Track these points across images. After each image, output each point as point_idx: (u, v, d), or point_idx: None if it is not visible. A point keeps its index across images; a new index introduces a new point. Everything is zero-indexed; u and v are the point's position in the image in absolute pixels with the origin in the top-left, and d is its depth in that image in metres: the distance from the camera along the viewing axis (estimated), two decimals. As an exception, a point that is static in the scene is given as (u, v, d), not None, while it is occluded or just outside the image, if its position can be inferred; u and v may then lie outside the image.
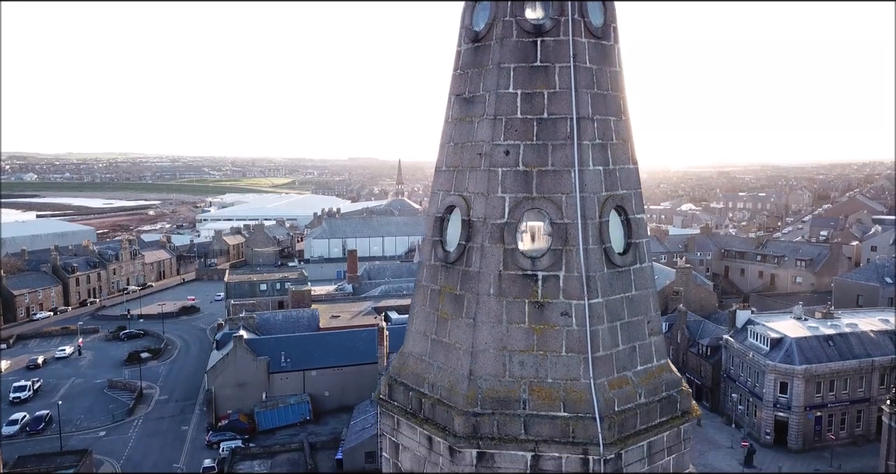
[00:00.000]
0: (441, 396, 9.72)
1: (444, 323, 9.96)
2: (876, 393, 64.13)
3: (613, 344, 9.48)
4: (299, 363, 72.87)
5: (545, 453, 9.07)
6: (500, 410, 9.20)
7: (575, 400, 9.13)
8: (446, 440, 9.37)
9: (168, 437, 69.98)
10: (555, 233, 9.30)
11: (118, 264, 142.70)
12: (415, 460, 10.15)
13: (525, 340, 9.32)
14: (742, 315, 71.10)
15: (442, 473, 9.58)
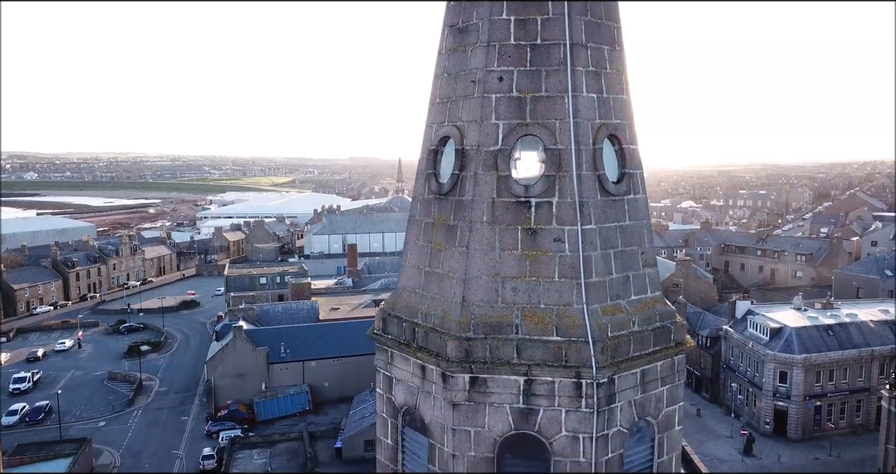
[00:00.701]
0: (434, 324, 9.72)
1: (437, 254, 9.96)
2: (876, 382, 64.04)
3: (607, 271, 9.47)
4: (299, 354, 72.82)
5: (538, 377, 9.07)
6: (493, 335, 9.20)
7: (568, 324, 9.13)
8: (439, 366, 9.37)
9: (168, 427, 69.94)
10: (548, 159, 9.29)
11: (118, 259, 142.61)
12: (408, 392, 10.15)
13: (518, 267, 9.32)
14: (742, 305, 71.07)
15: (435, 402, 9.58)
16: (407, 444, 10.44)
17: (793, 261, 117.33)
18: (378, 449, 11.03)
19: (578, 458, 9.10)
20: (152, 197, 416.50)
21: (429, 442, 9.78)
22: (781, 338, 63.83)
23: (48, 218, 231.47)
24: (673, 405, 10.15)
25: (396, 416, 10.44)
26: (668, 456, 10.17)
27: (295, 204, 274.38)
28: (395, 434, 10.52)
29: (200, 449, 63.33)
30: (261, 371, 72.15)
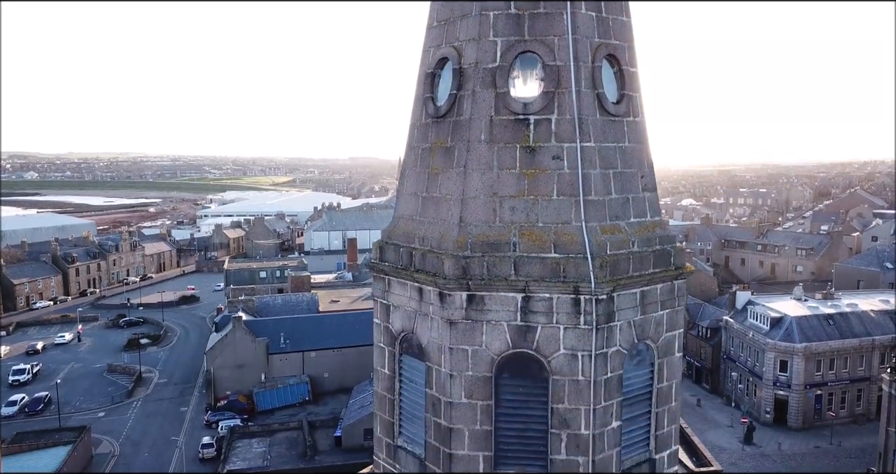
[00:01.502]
0: (431, 246, 9.64)
1: (434, 178, 9.88)
2: (876, 372, 63.87)
3: (606, 191, 9.39)
4: (299, 344, 72.75)
5: (536, 293, 8.98)
6: (491, 253, 9.11)
7: (566, 242, 9.04)
8: (436, 285, 9.28)
9: (167, 418, 69.89)
10: (547, 75, 9.20)
11: (118, 255, 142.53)
12: (405, 317, 10.06)
13: (516, 185, 9.24)
14: (742, 296, 71.01)
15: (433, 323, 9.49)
16: (404, 372, 10.36)
17: (793, 255, 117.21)
18: (375, 381, 10.95)
19: (577, 376, 9.01)
20: (152, 196, 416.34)
21: (426, 365, 9.69)
22: (782, 327, 63.74)
23: (48, 215, 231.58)
24: (673, 331, 10.05)
25: (394, 344, 10.36)
26: (668, 383, 10.08)
27: (295, 203, 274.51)
28: (393, 362, 10.43)
29: (200, 438, 63.29)
30: (260, 361, 72.08)
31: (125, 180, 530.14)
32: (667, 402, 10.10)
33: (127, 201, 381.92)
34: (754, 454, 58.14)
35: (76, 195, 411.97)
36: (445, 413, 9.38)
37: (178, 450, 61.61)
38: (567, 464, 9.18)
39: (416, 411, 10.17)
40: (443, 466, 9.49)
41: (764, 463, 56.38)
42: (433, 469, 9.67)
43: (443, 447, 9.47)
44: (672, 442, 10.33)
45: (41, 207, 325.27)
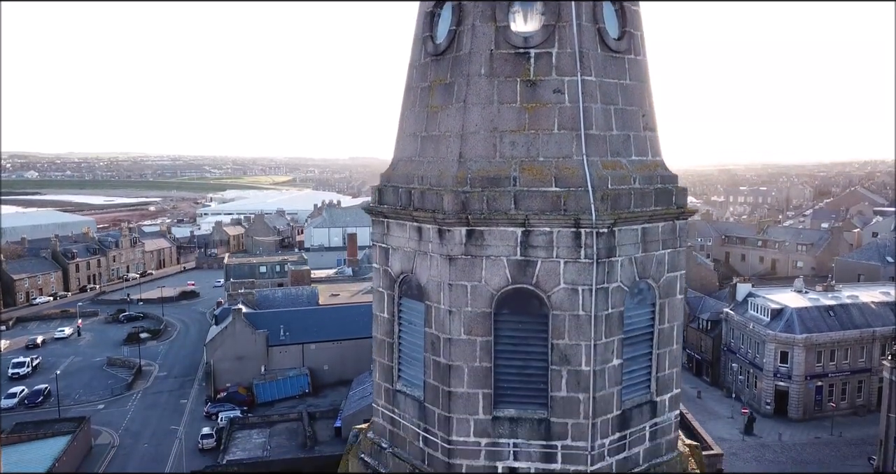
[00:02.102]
0: (430, 184, 9.55)
1: (433, 116, 9.78)
2: (877, 363, 63.71)
3: (607, 126, 9.30)
4: (298, 336, 72.66)
5: (536, 227, 8.89)
6: (490, 188, 9.03)
7: (567, 176, 8.95)
8: (435, 221, 9.20)
9: (167, 409, 69.83)
10: (547, 9, 9.12)
11: (118, 251, 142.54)
12: (404, 258, 9.97)
13: (516, 120, 9.15)
14: (742, 288, 70.92)
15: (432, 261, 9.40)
16: (403, 314, 10.26)
17: (793, 250, 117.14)
18: (374, 326, 10.86)
19: (577, 312, 8.92)
20: (153, 195, 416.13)
21: (425, 305, 9.60)
22: (782, 318, 63.65)
23: (48, 212, 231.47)
24: (674, 272, 9.96)
25: (393, 287, 10.26)
26: (670, 325, 9.98)
27: (295, 201, 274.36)
28: (392, 305, 10.34)
29: (199, 429, 63.20)
30: (260, 354, 71.99)
31: (125, 179, 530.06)
32: (668, 344, 10.02)
33: (127, 200, 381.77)
34: (754, 444, 58.03)
35: (76, 194, 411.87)
36: (444, 350, 9.29)
37: (177, 441, 61.49)
38: (567, 401, 9.10)
39: (415, 353, 10.09)
40: (442, 405, 9.41)
41: (764, 453, 56.28)
42: (432, 409, 9.58)
43: (442, 385, 9.38)
44: (673, 386, 10.24)
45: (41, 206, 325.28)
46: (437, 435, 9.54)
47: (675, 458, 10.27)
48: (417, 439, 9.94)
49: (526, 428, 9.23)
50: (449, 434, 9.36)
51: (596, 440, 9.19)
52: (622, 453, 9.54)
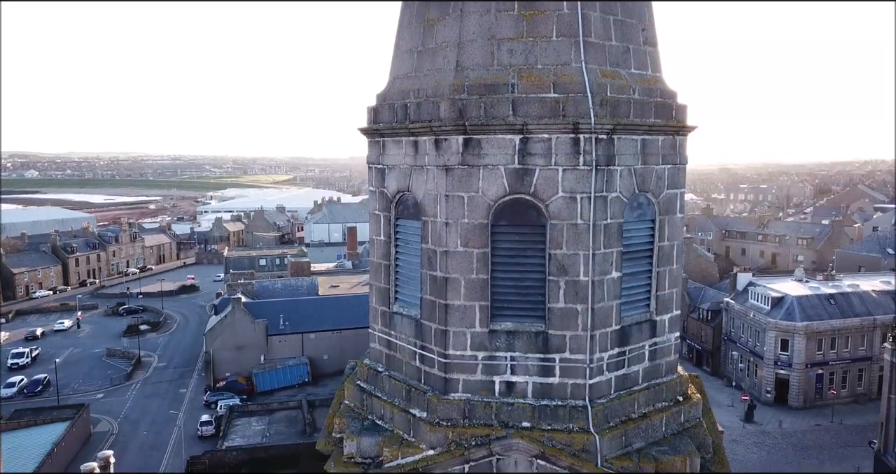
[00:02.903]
0: (427, 95, 9.43)
1: (430, 29, 9.65)
2: (878, 351, 63.54)
3: (606, 36, 9.18)
4: (298, 326, 72.49)
5: (534, 134, 8.77)
6: (488, 95, 8.91)
7: (566, 82, 8.84)
8: (432, 131, 9.07)
9: (166, 398, 69.68)
10: (545, -83, 8.98)
11: (118, 246, 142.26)
12: (401, 176, 9.85)
13: (514, 27, 9.02)
14: (743, 277, 70.76)
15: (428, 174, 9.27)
16: (400, 235, 10.14)
17: (794, 244, 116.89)
18: (371, 251, 10.74)
19: (576, 220, 8.80)
20: (153, 194, 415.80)
21: (422, 220, 9.48)
22: (783, 306, 63.48)
23: (48, 209, 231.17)
24: (675, 189, 9.84)
25: (389, 208, 10.14)
26: (670, 243, 9.86)
27: (295, 199, 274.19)
28: (388, 226, 10.21)
29: (199, 418, 63.01)
30: (260, 343, 71.83)
31: (125, 178, 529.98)
32: (668, 263, 9.89)
33: (127, 199, 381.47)
34: (755, 431, 57.87)
35: (76, 193, 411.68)
36: (441, 264, 9.17)
37: (176, 429, 61.26)
38: (565, 313, 8.98)
39: (411, 274, 9.97)
40: (438, 320, 9.29)
41: (765, 440, 56.11)
42: (429, 325, 9.46)
43: (438, 299, 9.26)
44: (673, 307, 10.12)
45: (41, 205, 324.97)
46: (434, 351, 9.43)
47: (675, 380, 10.15)
48: (413, 358, 9.83)
49: (523, 341, 9.12)
50: (445, 348, 9.24)
51: (595, 353, 9.07)
52: (621, 369, 9.42)
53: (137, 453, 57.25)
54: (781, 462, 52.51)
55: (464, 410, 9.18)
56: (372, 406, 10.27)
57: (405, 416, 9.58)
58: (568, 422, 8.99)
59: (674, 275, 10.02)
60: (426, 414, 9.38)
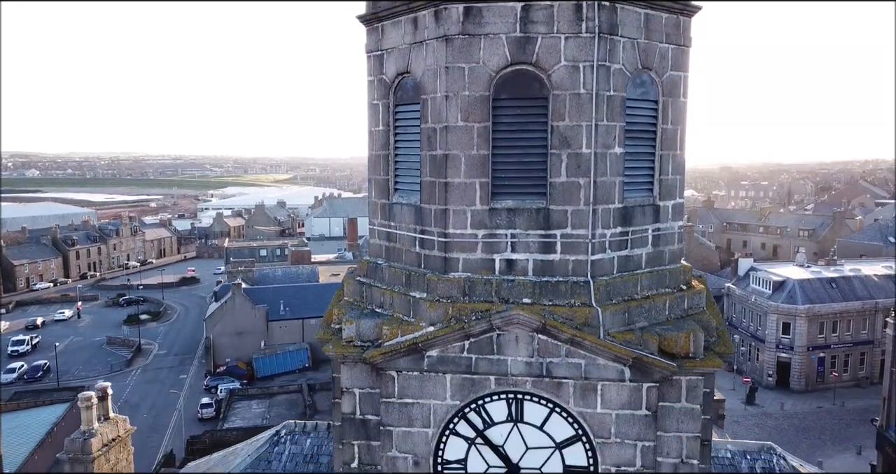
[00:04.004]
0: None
1: None
2: (880, 335, 63.39)
3: None
4: (299, 312, 72.39)
5: (536, 0, 8.61)
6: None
7: (567, -50, 8.67)
8: (432, 2, 8.91)
9: (166, 384, 69.60)
10: None
11: (118, 240, 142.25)
12: (399, 56, 9.72)
13: None
14: (744, 263, 70.64)
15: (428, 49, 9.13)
16: (399, 122, 9.99)
17: (795, 236, 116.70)
18: (370, 144, 10.58)
19: (578, 90, 8.66)
20: (154, 193, 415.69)
21: (421, 99, 9.34)
22: (784, 289, 63.33)
23: (49, 204, 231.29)
24: (678, 71, 9.68)
25: (388, 95, 9.99)
26: (673, 127, 9.71)
27: (296, 197, 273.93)
28: (387, 115, 10.06)
29: (199, 402, 62.89)
30: (260, 328, 71.72)
31: (126, 178, 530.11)
32: (672, 148, 9.75)
33: (128, 198, 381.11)
34: (756, 413, 57.71)
35: (77, 192, 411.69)
36: (441, 141, 9.04)
37: (176, 412, 61.19)
38: (567, 187, 8.84)
39: (411, 162, 9.82)
40: (438, 199, 9.15)
41: (766, 421, 55.93)
42: (428, 208, 9.32)
43: (438, 178, 9.12)
44: (677, 194, 9.98)
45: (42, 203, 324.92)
46: (434, 233, 9.29)
47: (678, 269, 10.01)
48: (413, 244, 9.69)
49: (524, 218, 8.98)
50: (445, 227, 9.11)
51: (597, 229, 8.93)
52: (624, 250, 9.28)
53: (137, 435, 56.36)
54: (783, 442, 52.23)
55: (464, 288, 9.05)
56: (371, 295, 10.14)
57: (405, 299, 9.46)
58: (570, 298, 8.86)
59: (677, 161, 9.88)
60: (426, 294, 9.26)
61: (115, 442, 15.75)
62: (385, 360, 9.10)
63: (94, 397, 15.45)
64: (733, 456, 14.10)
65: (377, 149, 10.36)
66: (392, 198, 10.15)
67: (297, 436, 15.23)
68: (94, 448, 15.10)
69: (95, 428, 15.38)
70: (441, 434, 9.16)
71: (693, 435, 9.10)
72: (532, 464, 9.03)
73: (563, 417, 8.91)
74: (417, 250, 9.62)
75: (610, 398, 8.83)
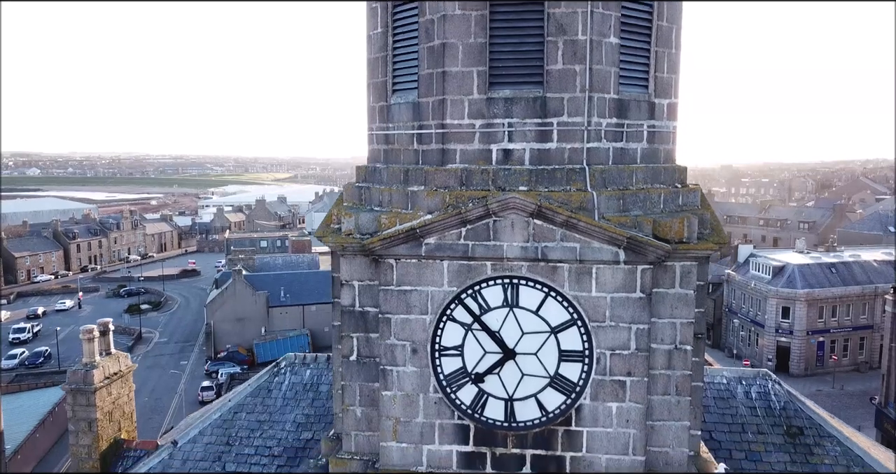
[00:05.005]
0: None
1: None
2: (879, 320, 63.48)
3: None
4: (299, 298, 72.53)
5: None
6: None
7: None
8: None
9: (167, 369, 69.82)
10: None
11: (119, 233, 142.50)
12: (399, -45, 9.78)
13: None
14: (744, 249, 70.73)
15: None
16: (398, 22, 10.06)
17: (795, 229, 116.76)
18: (368, 47, 10.67)
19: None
20: (154, 192, 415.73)
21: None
22: (784, 274, 63.45)
23: (50, 200, 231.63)
24: (672, -28, 9.79)
25: (386, -4, 10.09)
26: (669, 25, 9.79)
27: (297, 194, 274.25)
28: (385, 15, 10.11)
29: (199, 386, 63.04)
30: (260, 315, 71.87)
31: (127, 177, 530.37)
32: (667, 46, 9.85)
33: (129, 196, 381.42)
34: (756, 396, 57.72)
35: (78, 190, 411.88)
36: (439, 31, 9.16)
37: (177, 396, 61.42)
38: (563, 74, 8.96)
39: (410, 60, 9.92)
40: (436, 90, 9.28)
41: (766, 403, 55.97)
42: (426, 101, 9.45)
43: (435, 69, 9.25)
44: (672, 94, 10.08)
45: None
46: (431, 126, 9.42)
47: (673, 167, 10.13)
48: (411, 142, 9.81)
49: (521, 106, 9.11)
50: (443, 118, 9.24)
51: (592, 116, 9.06)
52: (619, 142, 9.41)
53: (138, 417, 56.92)
54: (783, 423, 52.38)
55: (461, 177, 9.19)
56: (370, 196, 10.26)
57: (403, 194, 9.58)
58: (566, 185, 8.99)
59: (672, 61, 9.99)
60: (423, 187, 9.39)
61: (116, 376, 15.89)
62: (383, 247, 9.22)
63: (96, 330, 15.56)
64: (729, 382, 14.28)
65: (375, 52, 10.47)
66: (390, 100, 10.27)
67: (297, 368, 15.36)
68: (97, 379, 15.26)
69: (97, 360, 15.50)
70: (438, 320, 9.29)
71: (687, 322, 9.24)
72: (527, 349, 9.16)
73: (558, 301, 9.04)
74: (415, 147, 9.74)
75: (605, 281, 8.96)
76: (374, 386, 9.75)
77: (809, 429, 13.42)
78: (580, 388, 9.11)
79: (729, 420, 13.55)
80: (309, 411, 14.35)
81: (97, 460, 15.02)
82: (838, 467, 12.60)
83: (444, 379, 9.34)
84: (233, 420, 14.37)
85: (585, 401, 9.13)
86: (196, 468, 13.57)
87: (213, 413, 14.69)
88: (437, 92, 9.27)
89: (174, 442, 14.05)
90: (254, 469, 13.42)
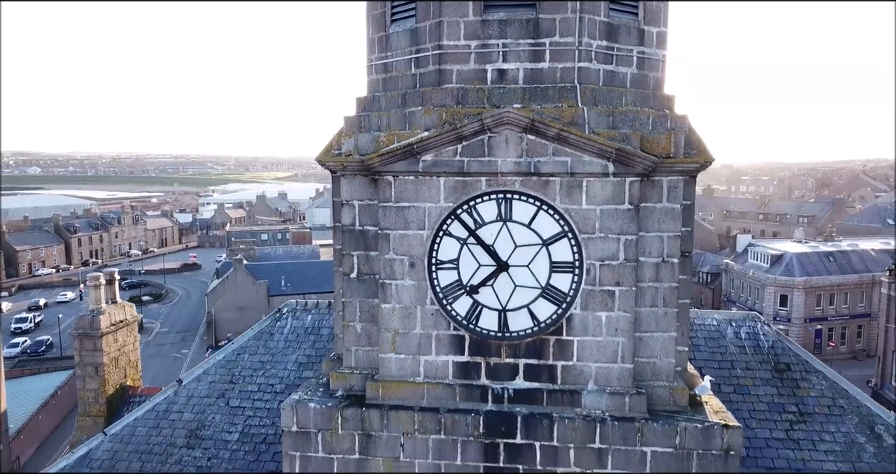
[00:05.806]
0: None
1: None
2: (876, 308, 63.83)
3: None
4: (300, 287, 72.82)
5: None
6: None
7: None
8: None
9: (168, 358, 70.24)
10: None
11: (120, 228, 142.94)
12: None
13: None
14: (742, 239, 71.13)
15: None
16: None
17: (795, 223, 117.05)
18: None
19: None
20: (155, 190, 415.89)
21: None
22: (782, 263, 63.81)
23: (50, 196, 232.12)
24: None
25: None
26: (657, -39, 10.17)
27: (297, 192, 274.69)
28: (383, -11, 10.44)
29: (200, 373, 63.43)
30: (261, 304, 72.18)
31: (128, 175, 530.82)
32: None
33: (130, 194, 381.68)
34: (754, 382, 58.02)
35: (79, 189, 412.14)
36: (436, -45, 9.51)
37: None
38: (555, -4, 9.32)
39: (407, -9, 10.26)
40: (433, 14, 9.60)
41: (764, 389, 56.25)
42: (423, 24, 9.78)
43: (433, -9, 9.60)
44: (661, 22, 10.34)
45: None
46: (429, 48, 9.78)
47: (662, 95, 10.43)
48: (409, 67, 10.16)
49: (515, 27, 9.46)
50: (440, 39, 9.60)
51: (583, 37, 9.41)
52: (609, 65, 9.75)
53: (139, 402, 57.56)
54: (780, 408, 52.69)
55: (457, 96, 9.55)
56: (370, 123, 10.59)
57: (401, 116, 9.93)
58: (557, 102, 9.36)
59: (660, -8, 10.33)
60: (421, 106, 9.75)
61: (122, 323, 16.25)
62: (382, 164, 9.58)
63: (102, 278, 15.93)
64: (718, 324, 14.64)
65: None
66: (389, 29, 10.62)
67: (299, 313, 15.77)
68: (103, 325, 15.60)
69: (104, 307, 15.87)
70: (435, 235, 9.65)
71: (674, 235, 9.57)
72: (520, 261, 9.52)
73: (549, 214, 9.39)
74: (413, 71, 10.10)
75: (594, 194, 9.32)
76: (373, 302, 10.11)
77: (797, 365, 13.80)
78: (570, 298, 9.47)
79: (718, 358, 13.92)
80: (310, 352, 14.76)
81: (103, 404, 15.37)
82: (824, 399, 12.96)
83: (440, 292, 9.71)
84: (236, 360, 14.77)
85: (576, 311, 9.49)
86: (201, 404, 13.96)
87: (216, 355, 15.08)
88: (433, 15, 9.63)
89: (179, 381, 14.43)
90: (257, 404, 13.80)
